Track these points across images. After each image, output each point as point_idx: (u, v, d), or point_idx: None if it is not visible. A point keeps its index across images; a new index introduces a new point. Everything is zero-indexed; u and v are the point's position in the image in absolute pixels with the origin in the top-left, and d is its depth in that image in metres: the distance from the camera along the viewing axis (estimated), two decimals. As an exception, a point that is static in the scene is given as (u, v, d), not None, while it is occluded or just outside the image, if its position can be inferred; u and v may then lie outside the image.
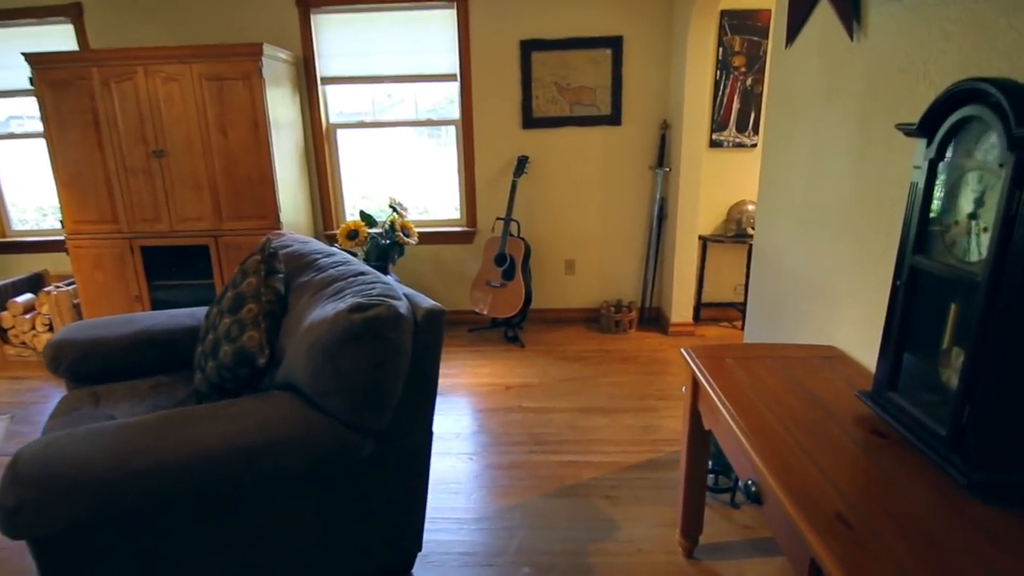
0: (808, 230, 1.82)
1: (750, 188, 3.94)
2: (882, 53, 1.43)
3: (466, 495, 2.12)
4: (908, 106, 1.32)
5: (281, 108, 3.46)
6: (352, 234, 3.63)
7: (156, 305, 3.57)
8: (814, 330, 1.78)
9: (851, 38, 1.54)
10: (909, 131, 1.07)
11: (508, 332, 3.86)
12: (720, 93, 3.76)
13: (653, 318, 4.16)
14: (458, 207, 4.09)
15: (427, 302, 1.52)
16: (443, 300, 4.15)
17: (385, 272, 3.72)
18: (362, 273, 1.62)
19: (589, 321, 4.13)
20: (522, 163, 3.75)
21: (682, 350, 1.60)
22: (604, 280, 4.14)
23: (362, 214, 3.74)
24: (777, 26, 2.02)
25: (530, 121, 3.82)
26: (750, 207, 3.85)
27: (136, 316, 2.03)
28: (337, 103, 3.93)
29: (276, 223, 3.41)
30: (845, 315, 1.61)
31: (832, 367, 1.47)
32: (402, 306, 1.39)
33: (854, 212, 1.56)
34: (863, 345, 1.52)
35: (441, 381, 3.16)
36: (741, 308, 4.01)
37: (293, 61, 3.64)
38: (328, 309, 1.39)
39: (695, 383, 1.54)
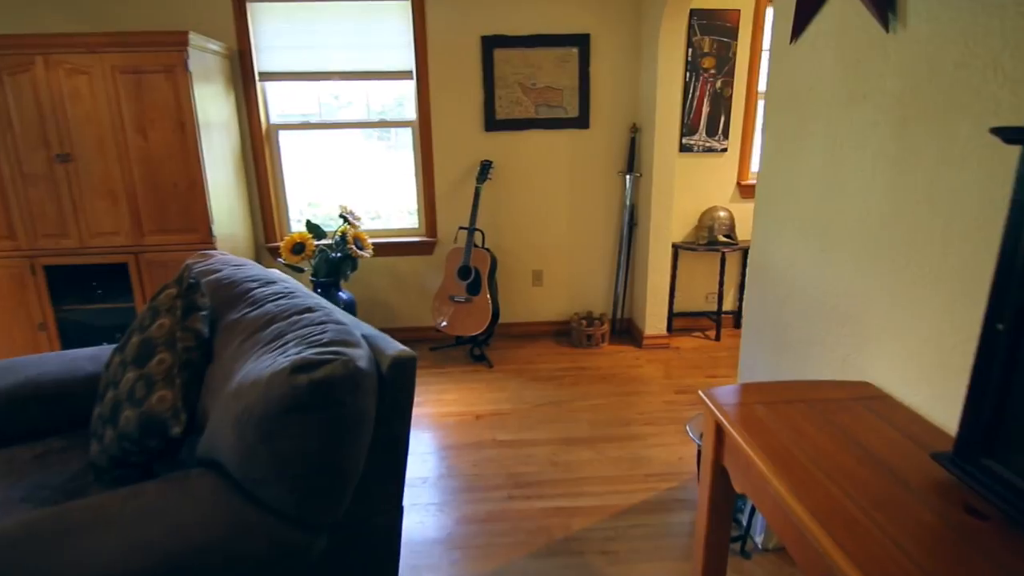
0: (824, 248, 1.62)
1: (720, 194, 3.79)
2: (929, 45, 1.22)
3: (437, 561, 1.81)
4: (973, 106, 1.12)
5: (212, 106, 3.05)
6: (298, 247, 3.25)
7: (66, 331, 3.08)
8: (836, 361, 1.57)
9: (885, 29, 1.34)
10: (1014, 138, 0.85)
11: (474, 350, 3.56)
12: (689, 96, 3.59)
13: (625, 330, 3.95)
14: (416, 215, 3.76)
15: (393, 346, 1.21)
16: (402, 316, 3.81)
17: (337, 288, 3.36)
18: (308, 310, 1.29)
19: (559, 335, 3.88)
20: (485, 168, 3.47)
21: (701, 393, 1.35)
22: (573, 291, 3.90)
23: (309, 225, 3.36)
24: (779, 18, 1.82)
25: (493, 123, 3.54)
26: (721, 213, 3.69)
27: (19, 362, 1.62)
28: (279, 102, 3.54)
29: (208, 236, 3.00)
30: (880, 348, 1.40)
31: (877, 412, 1.26)
32: (361, 357, 1.08)
33: (889, 230, 1.36)
34: (906, 384, 1.31)
35: (402, 411, 2.84)
36: (714, 317, 3.85)
37: (226, 54, 3.23)
38: (263, 365, 1.07)
39: (719, 434, 1.30)
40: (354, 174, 3.70)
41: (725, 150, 3.70)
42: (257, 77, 3.40)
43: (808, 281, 1.70)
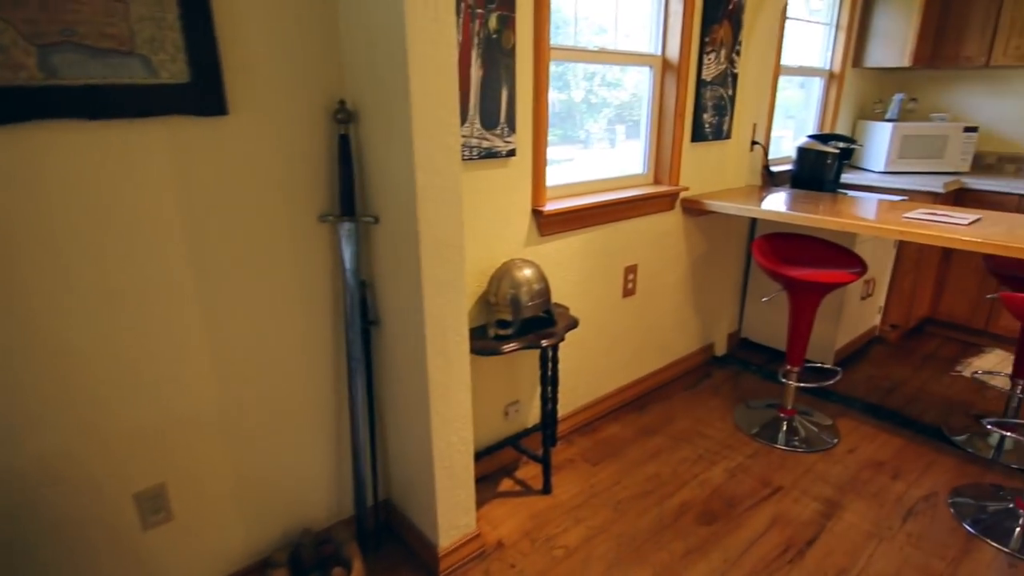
0: None
1: (513, 234, 2.07)
2: None
3: None
4: None
5: None
6: None
7: None
8: None
9: None
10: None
11: None
12: (439, 45, 1.72)
13: (386, 529, 1.92)
14: None
15: None
16: None
17: None
18: None
19: (243, 617, 1.60)
20: None
21: None
22: (258, 503, 1.65)
23: None
24: None
25: None
26: (527, 272, 1.97)
27: None
28: None
29: None
30: None
31: None
32: None
33: None
34: None
35: None
36: (528, 446, 2.12)
37: None
38: None
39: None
40: None
41: (512, 153, 1.98)
42: None
43: None
